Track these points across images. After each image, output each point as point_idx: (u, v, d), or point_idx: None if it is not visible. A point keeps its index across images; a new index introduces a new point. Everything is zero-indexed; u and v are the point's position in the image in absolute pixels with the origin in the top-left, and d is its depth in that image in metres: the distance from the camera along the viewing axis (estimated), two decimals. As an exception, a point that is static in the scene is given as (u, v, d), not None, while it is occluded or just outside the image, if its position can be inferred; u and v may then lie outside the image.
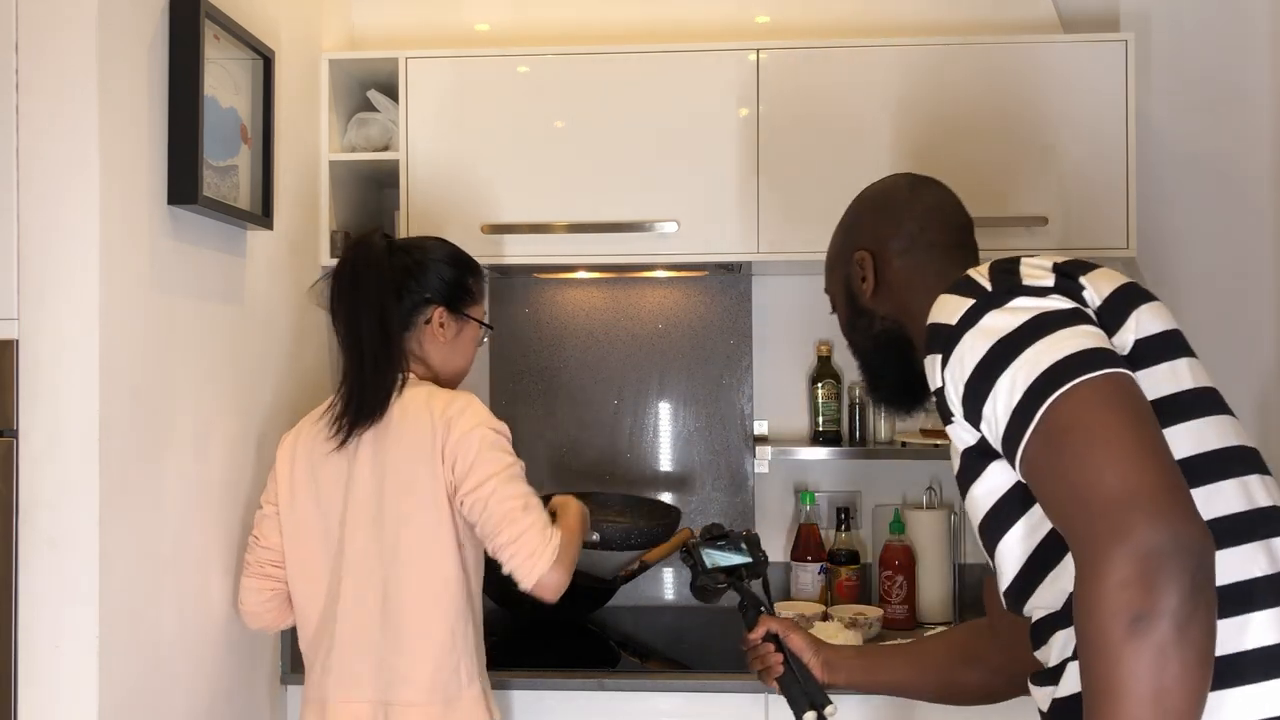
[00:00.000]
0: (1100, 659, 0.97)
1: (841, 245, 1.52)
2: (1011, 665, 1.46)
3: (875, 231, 1.45)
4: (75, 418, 1.54)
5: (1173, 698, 0.95)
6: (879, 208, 1.48)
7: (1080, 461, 1.03)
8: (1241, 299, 2.57)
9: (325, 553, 1.83)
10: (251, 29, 1.95)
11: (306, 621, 1.86)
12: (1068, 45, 2.33)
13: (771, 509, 2.70)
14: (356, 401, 1.81)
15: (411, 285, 1.87)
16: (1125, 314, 1.19)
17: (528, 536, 1.71)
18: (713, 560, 1.73)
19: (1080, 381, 1.06)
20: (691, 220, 2.34)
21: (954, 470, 1.28)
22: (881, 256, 1.44)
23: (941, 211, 1.45)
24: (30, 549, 1.54)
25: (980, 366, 1.13)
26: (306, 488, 1.85)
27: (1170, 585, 0.95)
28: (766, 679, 1.64)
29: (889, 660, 1.66)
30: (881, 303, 1.44)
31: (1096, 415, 1.04)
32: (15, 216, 1.54)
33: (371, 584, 1.80)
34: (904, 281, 1.42)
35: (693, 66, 2.35)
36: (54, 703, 1.54)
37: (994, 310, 1.15)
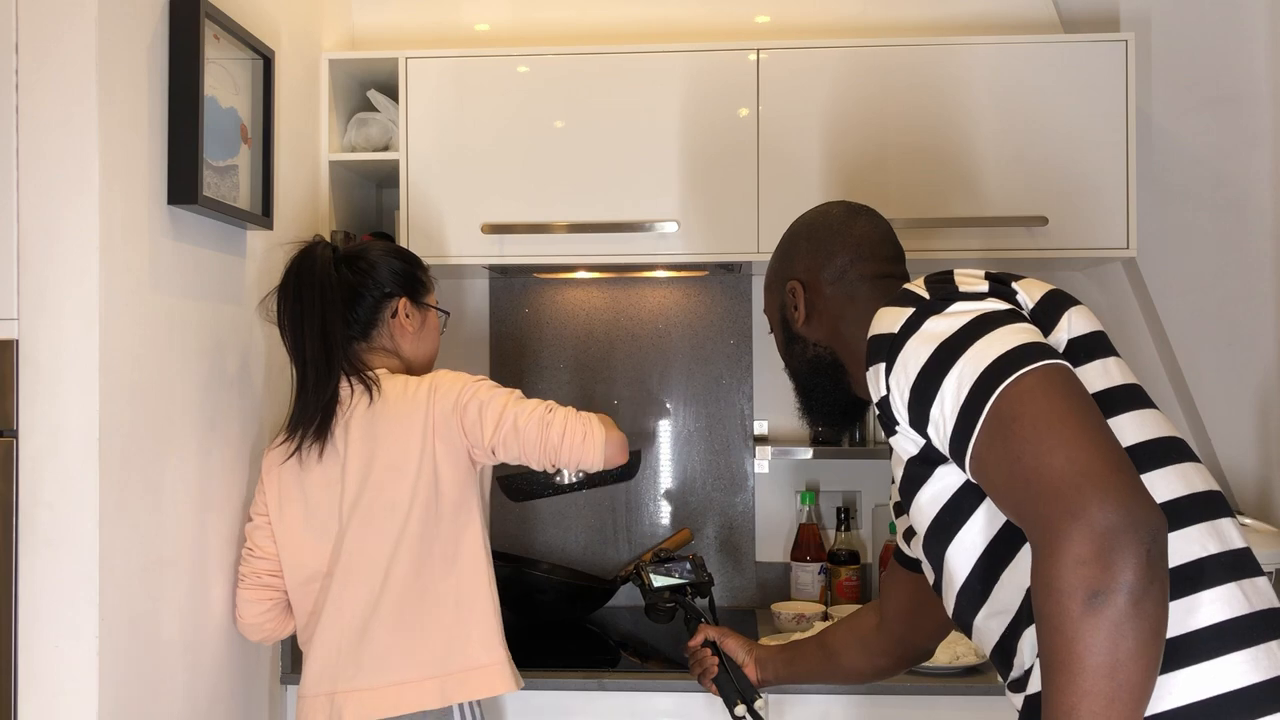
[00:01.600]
0: (1058, 634, 1.00)
1: (775, 273, 1.55)
2: (895, 649, 1.69)
3: (808, 261, 1.49)
4: (75, 418, 1.54)
5: (1127, 671, 0.98)
6: (811, 238, 1.51)
7: (1030, 447, 1.05)
8: (1241, 299, 2.57)
9: (321, 554, 1.84)
10: (251, 29, 1.94)
11: (305, 618, 1.87)
12: (1068, 45, 2.33)
13: (771, 509, 2.70)
14: (299, 414, 1.84)
15: (368, 284, 1.90)
16: (1057, 316, 1.24)
17: (570, 427, 1.78)
18: (659, 581, 1.92)
19: (1024, 372, 1.09)
20: (691, 220, 2.34)
21: (895, 483, 1.31)
22: (812, 286, 1.48)
23: (872, 243, 1.48)
24: (30, 549, 1.54)
25: (925, 370, 1.16)
26: (294, 495, 1.86)
27: (1126, 561, 0.97)
28: (704, 681, 1.81)
29: (802, 654, 1.80)
30: (814, 330, 1.49)
31: (1043, 403, 1.07)
32: (15, 216, 1.54)
33: (373, 573, 1.80)
34: (836, 310, 1.46)
35: (693, 66, 2.35)
36: (54, 703, 1.54)
37: (934, 316, 1.19)
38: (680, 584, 1.92)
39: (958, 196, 2.32)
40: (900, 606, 1.65)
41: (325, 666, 1.83)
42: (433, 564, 1.81)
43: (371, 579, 1.81)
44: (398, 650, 1.79)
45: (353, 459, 1.82)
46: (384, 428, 1.82)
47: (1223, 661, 1.09)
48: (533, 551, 2.70)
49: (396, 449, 1.80)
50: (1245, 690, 1.09)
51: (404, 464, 1.80)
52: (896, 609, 1.66)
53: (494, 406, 1.80)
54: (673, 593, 1.91)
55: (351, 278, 1.90)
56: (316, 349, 1.83)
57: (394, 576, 1.80)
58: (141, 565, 1.66)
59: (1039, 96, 2.30)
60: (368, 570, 1.81)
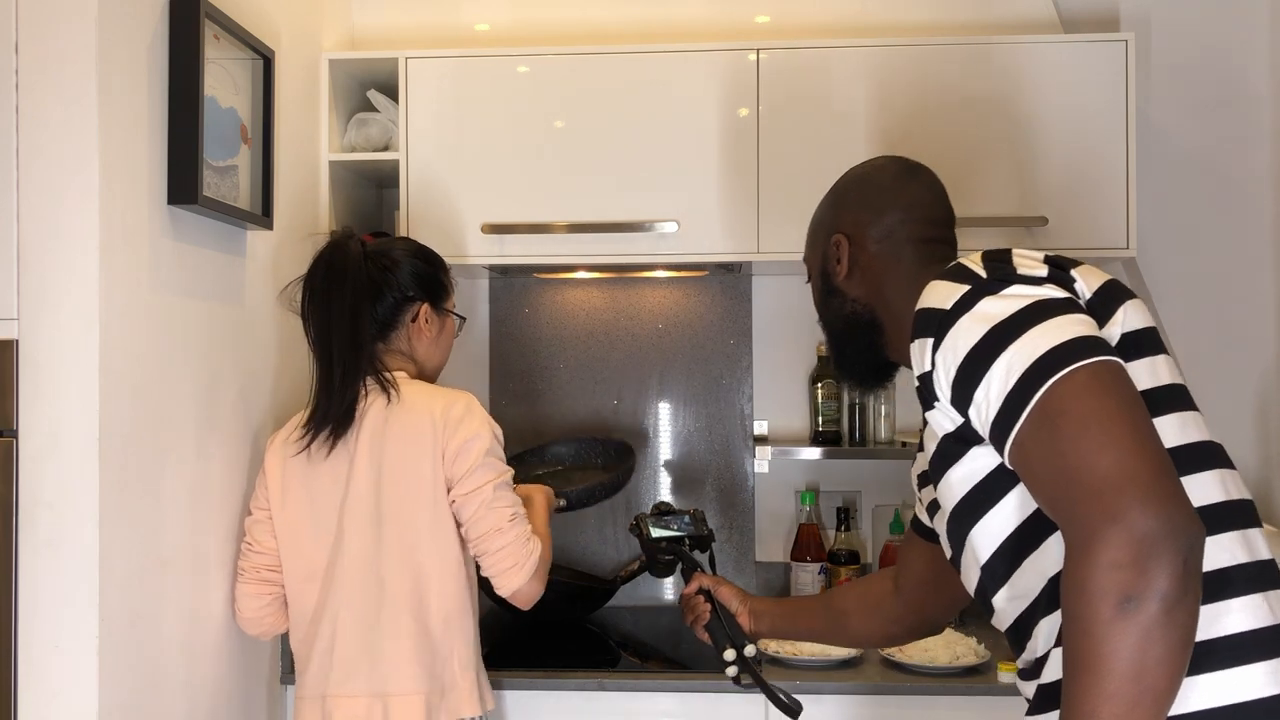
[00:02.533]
0: (1086, 636, 1.00)
1: (821, 223, 1.52)
2: (909, 617, 1.68)
3: (856, 216, 1.46)
4: (75, 418, 1.54)
5: (1153, 677, 0.97)
6: (863, 192, 1.48)
7: (1075, 444, 1.04)
8: (1241, 299, 2.57)
9: (321, 551, 1.84)
10: (251, 29, 1.94)
11: (301, 619, 1.87)
12: (1068, 45, 2.33)
13: (771, 509, 2.70)
14: (323, 410, 1.83)
15: (392, 284, 1.89)
16: (1113, 308, 1.21)
17: (513, 548, 1.79)
18: (658, 532, 1.91)
19: (1078, 367, 1.07)
20: (691, 220, 2.34)
21: (926, 457, 1.30)
22: (858, 242, 1.44)
23: (924, 204, 1.45)
24: (30, 549, 1.54)
25: (974, 351, 1.14)
26: (299, 489, 1.86)
27: (1162, 568, 0.97)
28: (696, 627, 1.80)
29: (805, 611, 1.82)
30: (853, 286, 1.45)
31: (1093, 400, 1.05)
32: (15, 216, 1.54)
33: (369, 579, 1.81)
34: (879, 269, 1.43)
35: (693, 66, 2.35)
36: (54, 703, 1.54)
37: (989, 296, 1.16)
38: (678, 536, 1.91)
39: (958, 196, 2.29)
40: (918, 576, 1.63)
41: (321, 669, 1.83)
42: (427, 579, 1.81)
43: (369, 586, 1.81)
44: (389, 661, 1.80)
45: (361, 460, 1.82)
46: (396, 436, 1.81)
47: (1245, 670, 1.09)
48: (533, 551, 2.70)
49: (408, 461, 1.80)
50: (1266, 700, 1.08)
51: (411, 477, 1.80)
52: (914, 579, 1.65)
53: (482, 475, 1.79)
54: (671, 543, 1.91)
55: (376, 275, 1.88)
56: (345, 345, 1.82)
57: (390, 587, 1.80)
58: (141, 565, 1.66)
59: (1039, 96, 2.30)
60: (366, 577, 1.81)
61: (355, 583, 1.82)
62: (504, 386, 2.73)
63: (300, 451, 1.84)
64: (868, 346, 1.46)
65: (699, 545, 1.92)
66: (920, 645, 2.16)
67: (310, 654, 1.85)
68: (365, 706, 1.80)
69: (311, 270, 1.88)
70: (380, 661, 1.80)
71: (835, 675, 2.13)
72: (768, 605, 1.82)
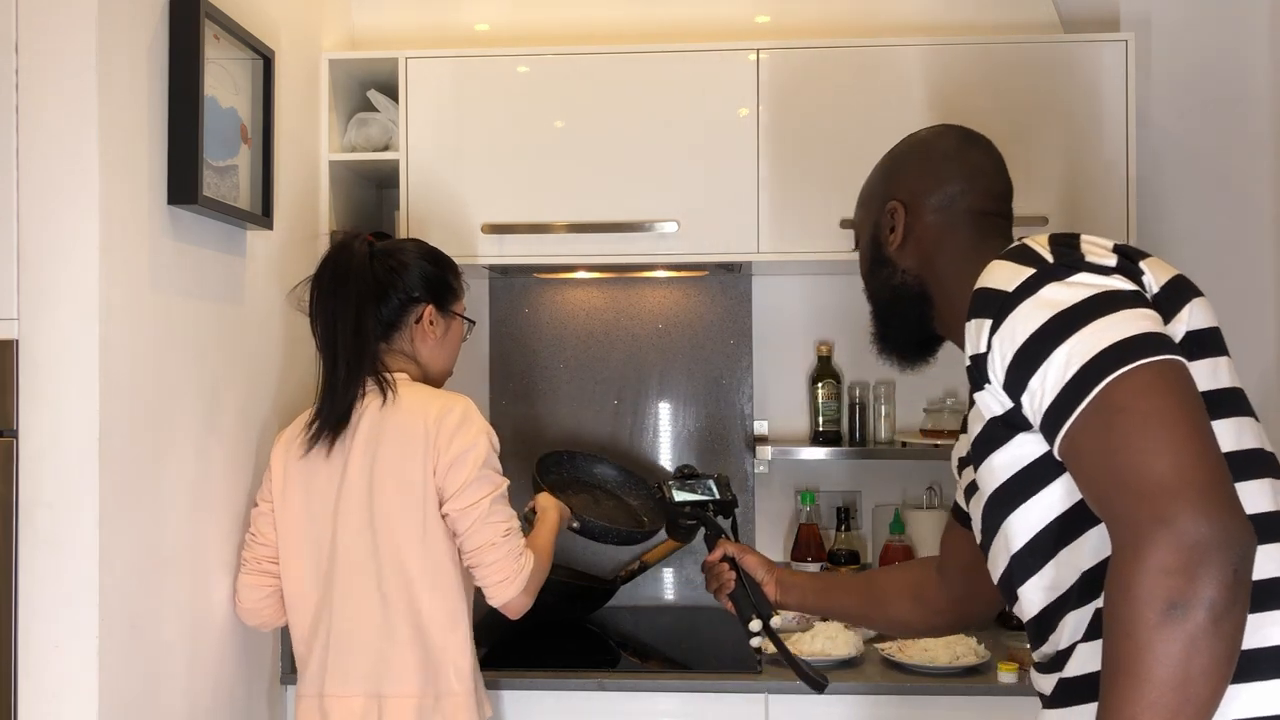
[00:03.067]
0: (1129, 641, 0.98)
1: (876, 188, 1.47)
2: (954, 608, 1.62)
3: (915, 184, 1.41)
4: (75, 418, 1.54)
5: (1196, 687, 0.96)
6: (923, 159, 1.43)
7: (1132, 443, 1.02)
8: (1241, 299, 2.57)
9: (315, 550, 1.85)
10: (251, 29, 1.94)
11: (300, 617, 1.88)
12: (1068, 45, 2.33)
13: (771, 509, 2.70)
14: (325, 410, 1.83)
15: (398, 285, 1.89)
16: (1180, 304, 1.18)
17: (505, 562, 1.80)
18: (681, 495, 1.87)
19: (1142, 364, 1.05)
20: (691, 220, 2.33)
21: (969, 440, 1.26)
22: (915, 211, 1.40)
23: (986, 175, 1.41)
24: (30, 549, 1.54)
25: (1034, 337, 1.11)
26: (298, 486, 1.86)
27: (1211, 576, 0.95)
28: (720, 595, 1.77)
29: (841, 588, 1.77)
30: (906, 256, 1.41)
31: (1154, 400, 1.03)
32: (15, 216, 1.54)
33: (365, 581, 1.81)
34: (934, 240, 1.39)
35: (693, 66, 2.35)
36: (54, 703, 1.54)
37: (1054, 283, 1.13)
38: (702, 500, 1.87)
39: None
40: (962, 565, 1.58)
41: (319, 668, 1.84)
42: (418, 586, 1.81)
43: (366, 589, 1.81)
44: (385, 663, 1.80)
45: (355, 462, 1.82)
46: (390, 439, 1.81)
47: None
48: (533, 551, 2.70)
49: (399, 466, 1.80)
50: None
51: (402, 483, 1.80)
52: (958, 567, 1.59)
53: (478, 489, 1.79)
54: (694, 508, 1.86)
55: (382, 276, 1.88)
56: (349, 344, 1.83)
57: (386, 591, 1.81)
58: (141, 565, 1.66)
59: (1039, 96, 2.30)
60: (363, 580, 1.82)
61: (352, 585, 1.82)
62: (504, 386, 2.73)
63: (307, 451, 1.85)
64: (914, 320, 1.42)
65: (722, 511, 1.88)
66: (920, 645, 2.17)
67: (309, 653, 1.86)
68: (362, 706, 1.80)
69: (319, 270, 1.89)
70: (377, 663, 1.80)
71: (835, 675, 2.12)
72: (798, 578, 1.77)
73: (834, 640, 2.18)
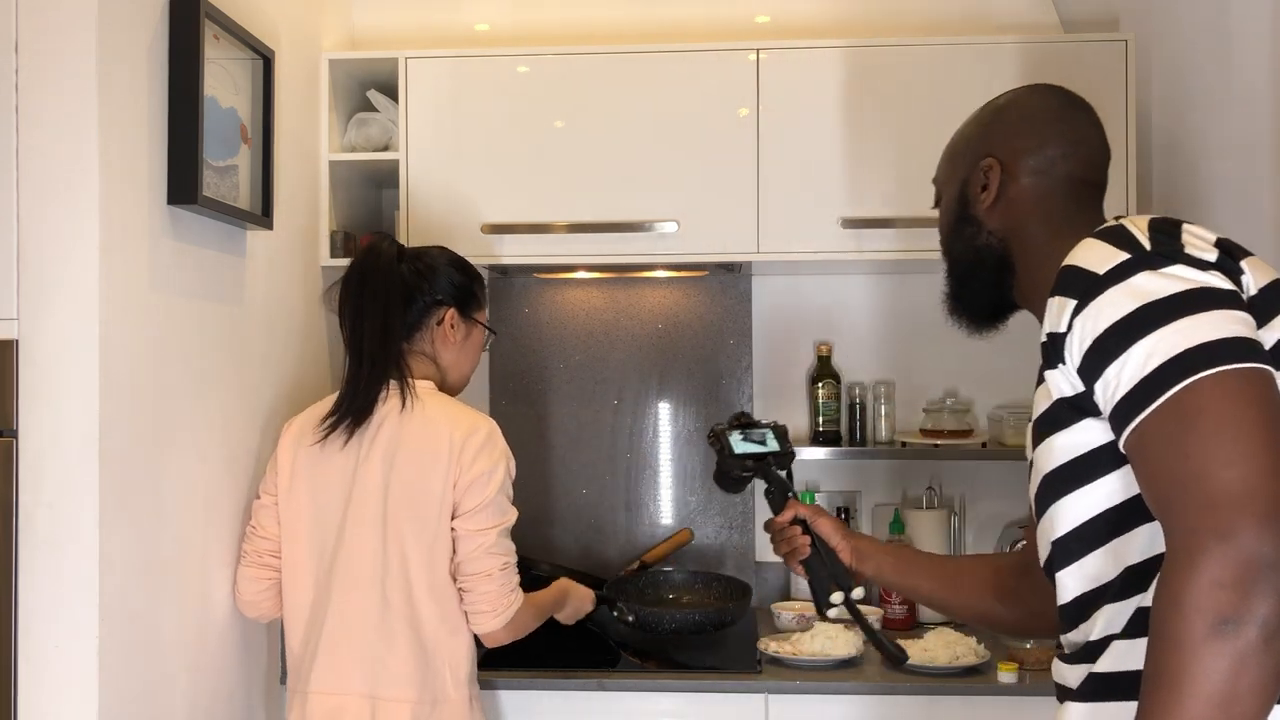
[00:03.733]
0: (1174, 651, 0.97)
1: (971, 143, 1.40)
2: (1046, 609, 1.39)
3: (1013, 142, 1.35)
4: (75, 418, 1.54)
5: (1243, 706, 0.95)
6: (1026, 118, 1.36)
7: (1204, 448, 1.00)
8: (1241, 299, 2.56)
9: (320, 543, 1.85)
10: (251, 29, 1.94)
11: (296, 611, 1.87)
12: (1068, 45, 2.33)
13: (771, 509, 2.70)
14: (347, 403, 1.85)
15: (424, 288, 1.92)
16: (1275, 310, 1.12)
17: (496, 595, 1.81)
18: (741, 447, 1.72)
19: (1225, 370, 1.02)
20: (691, 220, 2.33)
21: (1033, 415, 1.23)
22: (1011, 170, 1.34)
23: (1089, 142, 1.34)
24: (30, 549, 1.54)
25: (1118, 325, 1.07)
26: (305, 478, 1.87)
27: (1266, 595, 0.94)
28: (791, 561, 1.63)
29: (923, 567, 1.63)
30: (995, 217, 1.35)
31: (1233, 408, 1.00)
32: (15, 216, 1.54)
33: (369, 581, 1.81)
34: (1027, 203, 1.33)
35: (693, 66, 2.35)
36: (54, 703, 1.54)
37: (1148, 271, 1.09)
38: (763, 453, 1.72)
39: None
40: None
41: (312, 664, 1.83)
42: (419, 593, 1.81)
43: (368, 589, 1.81)
44: (382, 664, 1.80)
45: (372, 462, 1.83)
46: (412, 447, 1.82)
47: None
48: (533, 551, 2.70)
49: (419, 476, 1.81)
50: None
51: (420, 494, 1.80)
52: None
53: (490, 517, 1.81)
54: (755, 461, 1.71)
55: (409, 278, 1.91)
56: (375, 343, 1.85)
57: (389, 593, 1.81)
58: (141, 565, 1.66)
59: (1039, 96, 2.30)
60: (367, 579, 1.82)
61: (354, 583, 1.82)
62: (504, 386, 2.73)
63: (317, 441, 1.85)
64: (993, 284, 1.37)
65: (780, 463, 1.74)
66: (920, 645, 2.17)
67: (303, 647, 1.86)
68: (355, 705, 1.80)
69: (348, 270, 1.92)
70: (374, 663, 1.80)
71: (835, 675, 2.13)
72: (875, 549, 1.63)
73: (834, 640, 2.18)
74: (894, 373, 2.65)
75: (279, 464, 1.90)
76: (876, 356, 2.67)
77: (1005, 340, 1.39)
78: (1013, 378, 2.65)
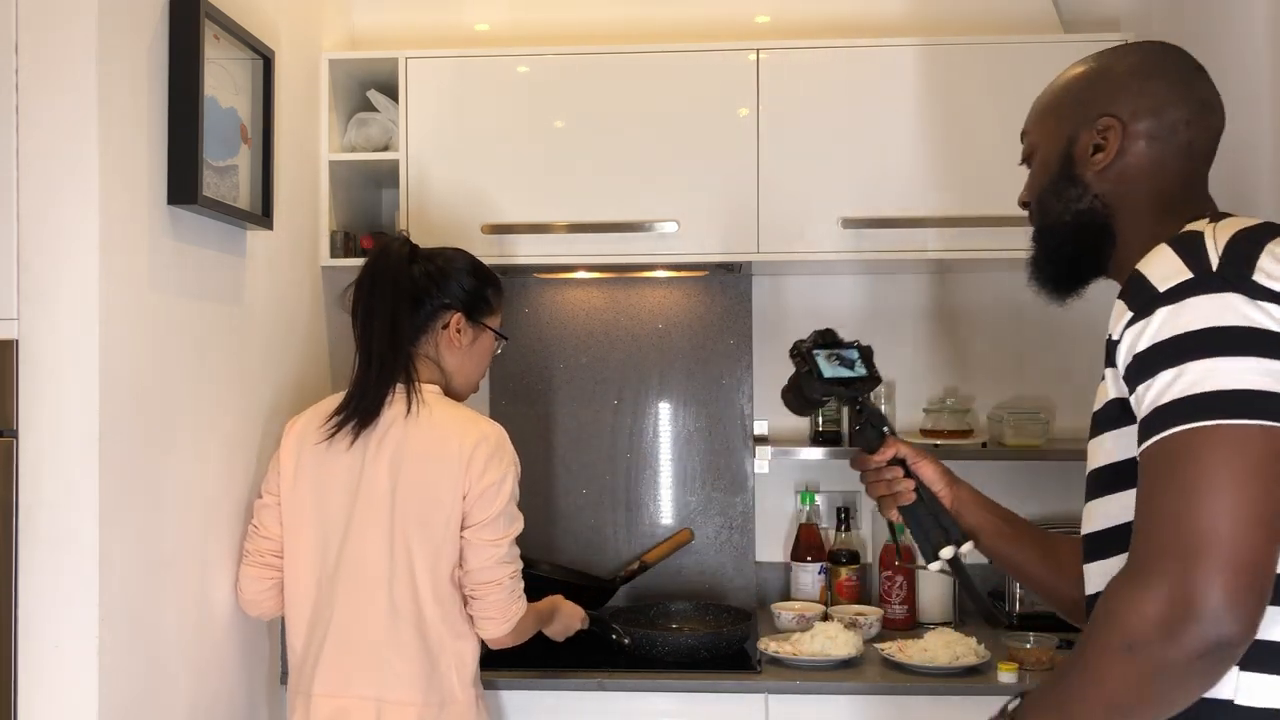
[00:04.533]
0: (1087, 648, 1.06)
1: (1082, 98, 1.29)
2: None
3: (1137, 102, 1.24)
4: (75, 418, 1.54)
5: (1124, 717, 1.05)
6: (1149, 77, 1.25)
7: (1181, 495, 1.02)
8: (1241, 299, 2.56)
9: (323, 543, 1.85)
10: (251, 29, 1.94)
11: (299, 611, 1.87)
12: (1068, 45, 2.33)
13: (771, 509, 2.70)
14: (355, 403, 1.85)
15: (432, 291, 1.91)
16: None
17: (504, 602, 1.82)
18: (830, 371, 1.52)
19: (1226, 424, 1.02)
20: (691, 220, 2.33)
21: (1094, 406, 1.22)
22: (1129, 133, 1.25)
23: (1213, 109, 1.26)
24: (30, 549, 1.54)
25: (1156, 348, 1.07)
26: (309, 477, 1.86)
27: (1182, 646, 0.99)
28: (887, 507, 1.49)
29: (1027, 538, 1.48)
30: (1104, 180, 1.26)
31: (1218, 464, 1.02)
32: (15, 216, 1.54)
33: (376, 584, 1.81)
34: (1143, 171, 1.25)
35: (693, 66, 2.35)
36: (54, 703, 1.54)
37: (1201, 295, 1.06)
38: (853, 378, 1.52)
39: (958, 196, 2.32)
40: None
41: (315, 666, 1.83)
42: (425, 596, 1.81)
43: (373, 591, 1.81)
44: (388, 666, 1.80)
45: (379, 464, 1.82)
46: (420, 453, 1.81)
47: None
48: (533, 551, 2.70)
49: (428, 483, 1.80)
50: None
51: (428, 501, 1.80)
52: None
53: (501, 528, 1.82)
54: (844, 387, 1.52)
55: (419, 279, 1.90)
56: (384, 343, 1.85)
57: (395, 595, 1.80)
58: (141, 565, 1.66)
59: (1039, 96, 2.30)
60: (372, 581, 1.81)
61: (358, 584, 1.82)
62: (504, 386, 2.73)
63: (323, 440, 1.85)
64: (1090, 252, 1.28)
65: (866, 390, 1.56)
66: (920, 645, 2.17)
67: (305, 649, 1.86)
68: (360, 708, 1.80)
69: (361, 271, 1.91)
70: (379, 665, 1.80)
71: (835, 675, 2.13)
72: (979, 505, 1.46)
73: (834, 640, 2.18)
74: (894, 373, 2.65)
75: (281, 463, 1.90)
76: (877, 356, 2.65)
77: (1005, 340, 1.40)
78: (1013, 378, 2.65)
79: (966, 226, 2.30)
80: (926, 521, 1.43)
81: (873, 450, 1.48)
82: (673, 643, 2.23)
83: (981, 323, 2.65)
